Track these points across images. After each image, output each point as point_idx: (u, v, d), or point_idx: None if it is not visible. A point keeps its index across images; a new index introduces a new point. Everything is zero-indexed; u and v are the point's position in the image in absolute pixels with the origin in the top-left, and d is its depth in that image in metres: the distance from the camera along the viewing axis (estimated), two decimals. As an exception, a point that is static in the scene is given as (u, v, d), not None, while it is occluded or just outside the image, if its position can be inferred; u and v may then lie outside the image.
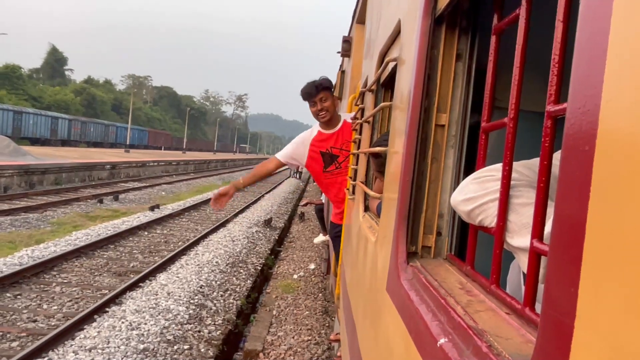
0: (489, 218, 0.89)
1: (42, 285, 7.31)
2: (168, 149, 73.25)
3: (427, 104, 1.16)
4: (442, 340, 0.76)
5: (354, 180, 2.74)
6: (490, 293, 0.84)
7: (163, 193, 22.45)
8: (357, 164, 2.73)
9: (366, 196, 2.26)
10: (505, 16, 0.86)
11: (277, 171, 4.38)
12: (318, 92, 3.67)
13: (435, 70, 1.16)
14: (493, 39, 0.91)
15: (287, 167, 4.30)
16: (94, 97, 75.04)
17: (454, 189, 1.16)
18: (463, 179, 1.03)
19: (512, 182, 0.83)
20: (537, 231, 0.65)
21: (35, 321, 5.97)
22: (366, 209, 2.22)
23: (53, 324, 5.91)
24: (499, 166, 0.88)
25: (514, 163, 0.84)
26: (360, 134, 2.81)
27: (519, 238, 0.82)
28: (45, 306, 6.52)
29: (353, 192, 2.74)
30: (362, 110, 2.82)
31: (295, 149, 3.90)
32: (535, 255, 0.66)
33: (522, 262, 0.83)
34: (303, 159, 3.88)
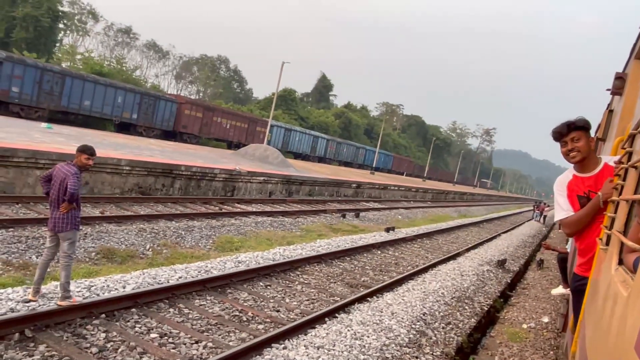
0: None
1: (287, 282, 8.31)
2: (409, 175, 75.43)
3: None
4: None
5: (609, 229, 2.47)
6: None
7: (399, 217, 23.22)
8: (615, 212, 2.46)
9: (621, 248, 2.03)
10: None
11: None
12: (570, 131, 3.38)
13: None
14: None
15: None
16: (350, 120, 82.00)
17: None
18: None
19: None
20: None
21: (278, 311, 6.82)
22: (620, 262, 2.00)
23: (292, 317, 6.67)
24: None
25: None
26: (624, 179, 2.52)
27: None
28: (287, 300, 7.39)
29: (607, 243, 2.48)
30: (630, 154, 2.53)
31: (565, 198, 3.56)
32: None
33: None
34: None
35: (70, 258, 5.46)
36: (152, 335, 5.25)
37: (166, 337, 5.27)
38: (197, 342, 5.28)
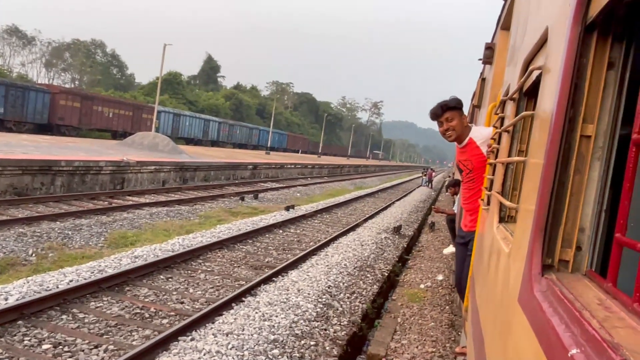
0: None
1: (189, 271, 8.09)
2: (305, 153, 76.35)
3: (572, 114, 1.12)
4: (573, 351, 0.75)
5: (489, 190, 2.67)
6: (632, 312, 0.81)
7: (298, 194, 23.46)
8: (493, 174, 2.66)
9: (501, 207, 2.20)
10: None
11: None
12: (444, 112, 3.68)
13: (583, 79, 1.12)
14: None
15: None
16: (241, 101, 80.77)
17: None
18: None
19: None
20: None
21: (182, 303, 6.63)
22: (501, 220, 2.17)
23: (197, 307, 6.51)
24: None
25: None
26: (498, 143, 2.73)
27: None
28: (191, 290, 7.20)
29: (488, 203, 2.68)
30: (502, 119, 2.74)
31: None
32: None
33: None
34: None
35: None
36: (45, 347, 4.86)
37: (61, 347, 4.91)
38: (96, 347, 4.98)
